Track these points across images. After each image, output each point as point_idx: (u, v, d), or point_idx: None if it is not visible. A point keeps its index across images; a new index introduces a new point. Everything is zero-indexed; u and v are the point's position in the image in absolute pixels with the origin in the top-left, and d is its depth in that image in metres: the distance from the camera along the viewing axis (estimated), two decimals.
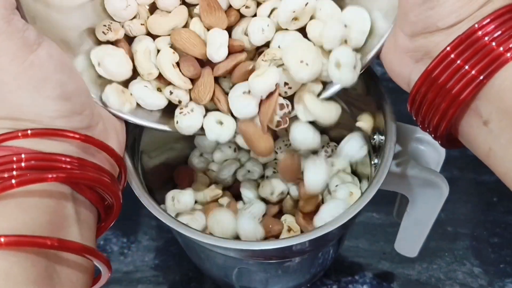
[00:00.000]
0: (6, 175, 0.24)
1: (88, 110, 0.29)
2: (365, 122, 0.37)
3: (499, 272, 0.47)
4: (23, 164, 0.25)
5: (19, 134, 0.26)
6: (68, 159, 0.26)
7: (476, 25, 0.26)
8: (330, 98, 0.33)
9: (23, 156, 0.25)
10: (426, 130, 0.30)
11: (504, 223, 0.49)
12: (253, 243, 0.33)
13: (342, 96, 0.41)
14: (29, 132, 0.26)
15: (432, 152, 0.38)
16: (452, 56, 0.26)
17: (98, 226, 0.30)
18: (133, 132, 0.36)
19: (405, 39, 0.29)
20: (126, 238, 0.49)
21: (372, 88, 0.36)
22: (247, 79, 0.31)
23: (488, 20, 0.26)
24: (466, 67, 0.26)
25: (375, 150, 0.38)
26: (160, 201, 0.39)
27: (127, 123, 0.33)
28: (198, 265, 0.44)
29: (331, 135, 0.43)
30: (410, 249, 0.42)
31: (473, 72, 0.26)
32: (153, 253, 0.49)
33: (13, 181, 0.24)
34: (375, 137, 0.37)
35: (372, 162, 0.38)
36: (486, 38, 0.26)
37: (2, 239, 0.22)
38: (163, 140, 0.42)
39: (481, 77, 0.26)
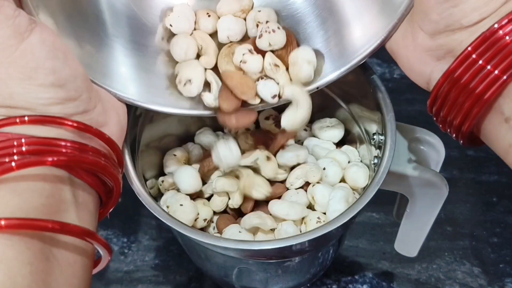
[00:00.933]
0: (7, 159, 0.24)
1: (84, 94, 0.28)
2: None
3: (499, 272, 0.47)
4: (23, 149, 0.25)
5: (17, 120, 0.25)
6: (68, 144, 0.26)
7: (496, 25, 0.26)
8: None
9: (23, 140, 0.25)
10: (447, 130, 0.30)
11: (503, 223, 0.50)
12: (253, 243, 0.33)
13: (341, 96, 0.41)
14: (26, 118, 0.25)
15: (432, 152, 0.38)
16: (474, 56, 0.26)
17: (100, 210, 0.29)
18: (133, 131, 0.37)
19: (425, 38, 0.29)
20: (127, 237, 0.49)
21: (371, 88, 0.37)
22: None
23: (506, 20, 0.25)
24: (489, 67, 0.26)
25: (375, 150, 0.38)
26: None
27: (128, 114, 0.33)
28: (198, 265, 0.44)
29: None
30: (410, 249, 0.42)
31: (496, 72, 0.26)
32: (153, 252, 0.49)
33: (13, 164, 0.24)
34: (375, 137, 0.37)
35: (372, 162, 0.38)
36: (507, 38, 0.25)
37: (3, 222, 0.22)
38: (163, 138, 0.42)
39: (505, 77, 0.26)
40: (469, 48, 0.26)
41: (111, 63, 0.33)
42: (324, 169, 0.38)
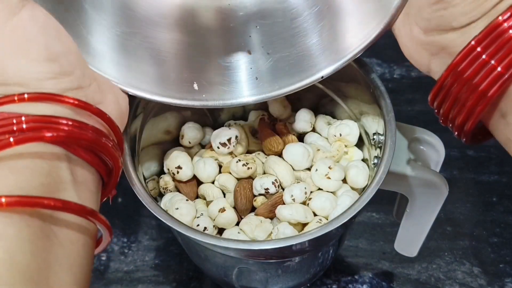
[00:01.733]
0: (7, 136, 0.24)
1: (78, 70, 0.28)
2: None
3: (499, 272, 0.47)
4: (24, 126, 0.24)
5: (15, 98, 0.25)
6: (70, 122, 0.26)
7: (500, 18, 0.25)
8: None
9: (23, 118, 0.24)
10: (448, 124, 0.30)
11: (503, 223, 0.50)
12: (253, 243, 0.33)
13: (341, 96, 0.41)
14: (25, 96, 0.25)
15: (432, 152, 0.38)
16: (479, 49, 0.26)
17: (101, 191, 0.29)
18: (133, 130, 0.37)
19: (419, 33, 0.29)
20: (127, 237, 0.50)
21: (371, 88, 0.37)
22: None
23: (509, 14, 0.25)
24: (492, 61, 0.26)
25: (375, 150, 0.38)
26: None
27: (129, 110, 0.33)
28: (198, 265, 0.44)
29: None
30: (410, 249, 0.42)
31: (499, 68, 0.26)
32: (153, 252, 0.49)
33: (11, 139, 0.23)
34: (374, 137, 0.37)
35: (372, 162, 0.38)
36: (511, 31, 0.25)
37: (3, 200, 0.22)
38: (162, 137, 0.42)
39: (507, 75, 0.25)
40: (473, 42, 0.26)
41: (101, 51, 0.32)
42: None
